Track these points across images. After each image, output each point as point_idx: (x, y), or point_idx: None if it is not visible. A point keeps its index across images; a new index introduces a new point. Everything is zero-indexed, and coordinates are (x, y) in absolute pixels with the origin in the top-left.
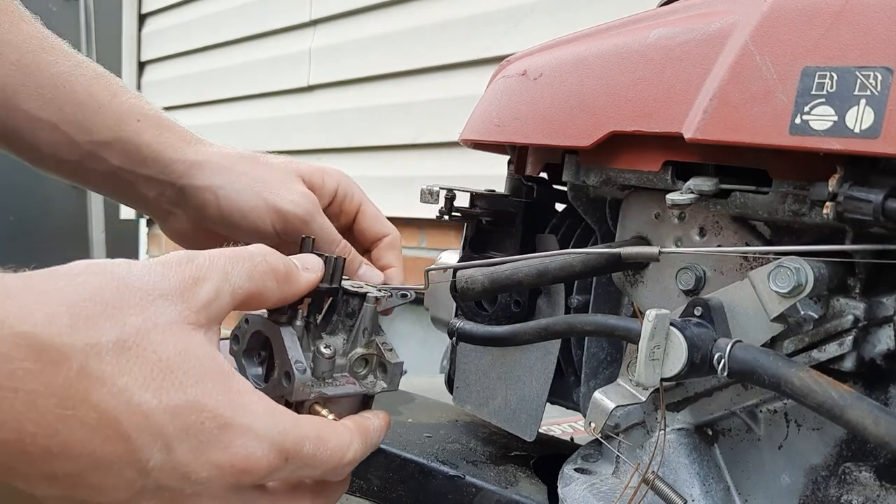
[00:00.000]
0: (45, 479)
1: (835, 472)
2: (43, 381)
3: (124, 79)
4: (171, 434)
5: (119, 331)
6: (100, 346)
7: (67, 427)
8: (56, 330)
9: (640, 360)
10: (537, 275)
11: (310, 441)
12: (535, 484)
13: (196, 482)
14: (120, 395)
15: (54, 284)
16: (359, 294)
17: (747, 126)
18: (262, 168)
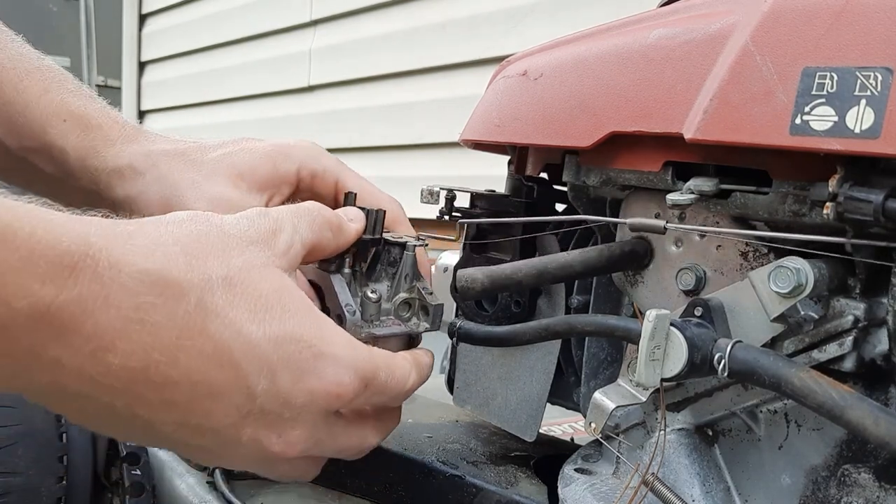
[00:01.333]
0: (165, 405)
1: (835, 472)
2: (166, 314)
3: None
4: (274, 362)
5: (226, 269)
6: (212, 282)
7: (187, 356)
8: (175, 266)
9: (641, 360)
10: (537, 275)
11: (382, 370)
12: (535, 484)
13: (294, 407)
14: (231, 326)
15: (166, 229)
16: (399, 243)
17: (747, 126)
18: (184, 168)
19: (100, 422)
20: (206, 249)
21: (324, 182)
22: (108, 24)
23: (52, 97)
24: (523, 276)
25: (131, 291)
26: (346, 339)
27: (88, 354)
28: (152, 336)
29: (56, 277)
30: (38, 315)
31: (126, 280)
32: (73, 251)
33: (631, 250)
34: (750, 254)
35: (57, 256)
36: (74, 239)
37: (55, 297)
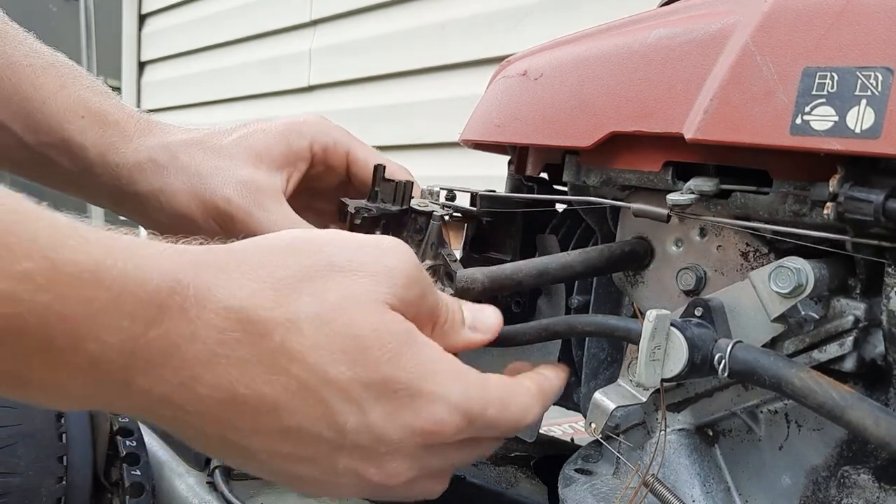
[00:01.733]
0: (255, 433)
1: (835, 473)
2: (250, 350)
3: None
4: (365, 401)
5: (318, 306)
6: (299, 322)
7: (273, 390)
8: (261, 304)
9: (641, 360)
10: (537, 275)
11: (493, 406)
12: (535, 485)
13: (389, 442)
14: (317, 369)
15: (262, 258)
16: (425, 212)
17: (748, 126)
18: (204, 156)
19: (198, 444)
20: (300, 283)
21: (335, 154)
22: (108, 24)
23: (69, 93)
24: (523, 276)
25: (217, 328)
26: (454, 373)
27: (177, 385)
28: (238, 370)
29: (144, 315)
30: (127, 350)
31: (211, 316)
32: (161, 289)
33: (631, 250)
34: (750, 254)
35: (146, 294)
36: (163, 276)
37: (143, 334)
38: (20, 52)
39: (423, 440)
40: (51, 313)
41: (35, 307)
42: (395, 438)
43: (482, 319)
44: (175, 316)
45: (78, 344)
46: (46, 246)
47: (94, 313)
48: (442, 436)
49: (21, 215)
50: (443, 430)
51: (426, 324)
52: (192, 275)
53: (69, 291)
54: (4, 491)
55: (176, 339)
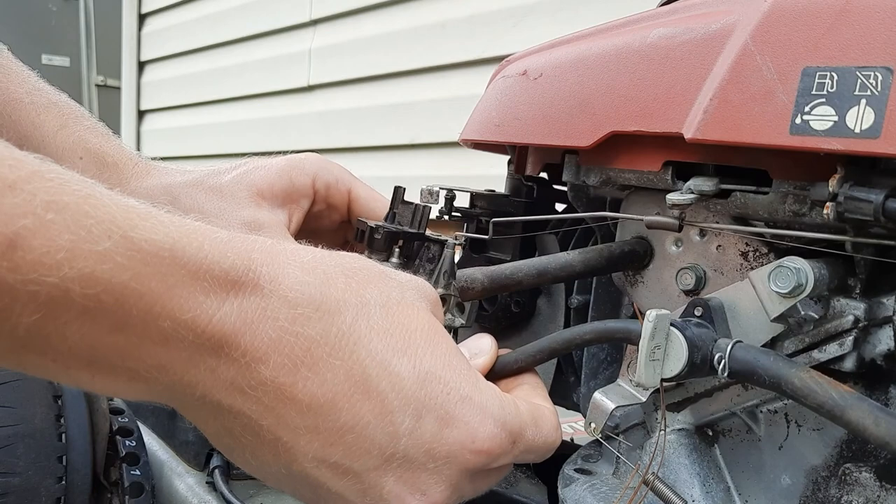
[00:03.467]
0: (308, 431)
1: (835, 472)
2: (320, 329)
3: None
4: (420, 400)
5: (385, 298)
6: (369, 306)
7: (334, 375)
8: (334, 284)
9: (641, 360)
10: (537, 274)
11: (530, 427)
12: (535, 484)
13: (437, 458)
14: (380, 356)
15: (329, 255)
16: (439, 241)
17: (748, 126)
18: (206, 197)
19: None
20: (365, 278)
21: (337, 192)
22: (108, 24)
23: (69, 133)
24: (523, 276)
25: (289, 303)
26: (493, 390)
27: (243, 366)
28: (304, 350)
29: (220, 291)
30: (200, 328)
31: (285, 291)
32: (237, 266)
33: (631, 250)
34: (750, 254)
35: (222, 272)
36: (239, 254)
37: (217, 310)
38: (23, 90)
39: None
40: (128, 292)
41: (113, 287)
42: (443, 453)
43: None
44: (249, 292)
45: (153, 321)
46: (124, 226)
47: (170, 290)
48: (489, 455)
49: (97, 199)
50: (490, 448)
51: None
52: (267, 255)
53: (147, 269)
54: (4, 491)
55: (248, 315)
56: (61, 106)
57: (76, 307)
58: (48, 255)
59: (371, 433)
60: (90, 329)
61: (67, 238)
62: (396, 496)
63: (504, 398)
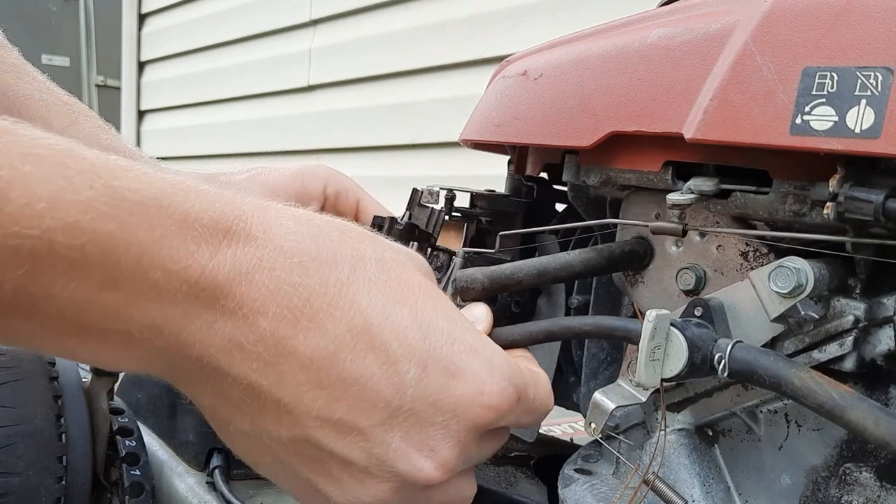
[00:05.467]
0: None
1: (835, 472)
2: (319, 279)
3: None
4: (425, 349)
5: (379, 253)
6: (365, 259)
7: (336, 326)
8: (329, 237)
9: (641, 360)
10: (537, 275)
11: (531, 386)
12: (535, 484)
13: (445, 411)
14: (381, 305)
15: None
16: (448, 251)
17: (748, 126)
18: None
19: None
20: (359, 235)
21: (346, 200)
22: (108, 24)
23: (79, 129)
24: (523, 276)
25: (285, 252)
26: (494, 345)
27: (241, 318)
28: (303, 301)
29: (211, 240)
30: (193, 279)
31: (280, 241)
32: (226, 215)
33: (631, 250)
34: (750, 254)
35: (211, 220)
36: (228, 205)
37: (210, 259)
38: (33, 88)
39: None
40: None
41: (98, 237)
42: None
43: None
44: (242, 241)
45: (142, 273)
46: (107, 176)
47: (159, 240)
48: (496, 411)
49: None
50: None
51: None
52: (257, 209)
53: (132, 219)
54: (4, 491)
55: (243, 264)
56: (71, 105)
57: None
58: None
59: (376, 384)
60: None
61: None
62: (403, 453)
63: (506, 356)
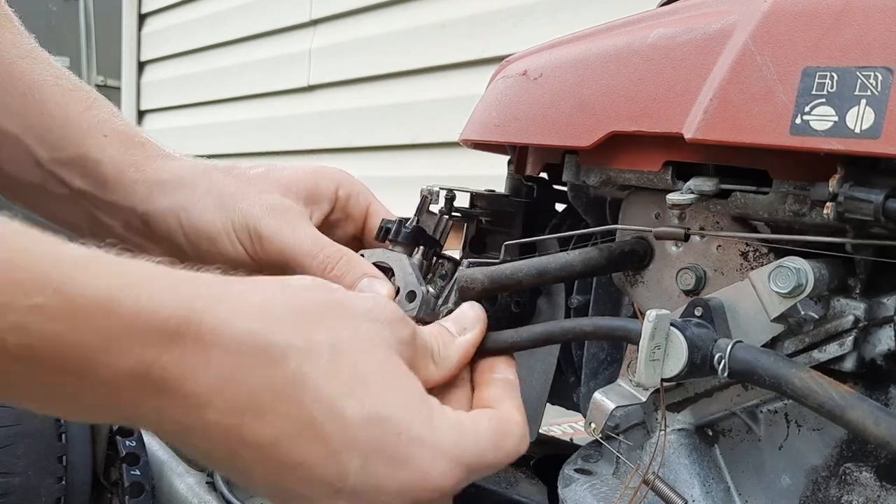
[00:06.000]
0: (259, 463)
1: (835, 472)
2: (263, 377)
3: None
4: (368, 441)
5: (335, 339)
6: (317, 349)
7: (280, 420)
8: (279, 329)
9: (641, 360)
10: (538, 274)
11: (490, 452)
12: (535, 484)
13: (388, 493)
14: (326, 400)
15: (282, 294)
16: (454, 259)
17: (748, 126)
18: (233, 180)
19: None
20: (317, 316)
21: (357, 204)
22: (108, 24)
23: (94, 114)
24: (523, 276)
25: (231, 352)
26: (450, 423)
27: (187, 408)
28: (247, 397)
29: (157, 342)
30: (139, 374)
31: (227, 342)
32: (177, 315)
33: (631, 250)
34: (750, 254)
35: (160, 322)
36: (180, 303)
37: (155, 360)
38: (49, 73)
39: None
40: (62, 342)
41: (45, 336)
42: (393, 490)
43: (463, 319)
44: (189, 343)
45: (89, 368)
46: (58, 280)
47: (106, 341)
48: (441, 492)
49: (33, 252)
50: (442, 486)
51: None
52: (210, 302)
53: (80, 323)
54: (4, 491)
55: (190, 365)
56: (87, 90)
57: (11, 354)
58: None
59: (320, 471)
60: (29, 373)
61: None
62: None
63: (461, 428)
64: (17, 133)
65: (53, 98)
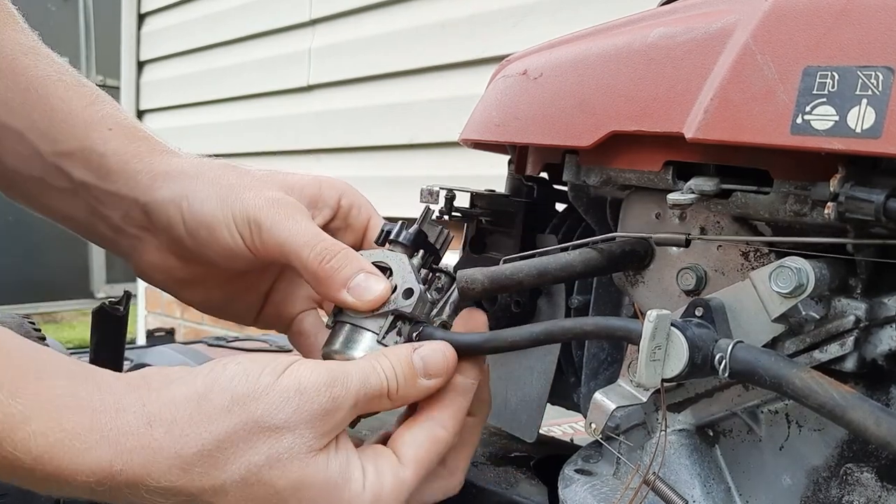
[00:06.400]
0: None
1: (836, 473)
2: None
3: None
4: None
5: (245, 470)
6: (225, 487)
7: None
8: (189, 478)
9: (641, 360)
10: (538, 275)
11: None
12: (535, 485)
13: None
14: None
15: (195, 429)
16: (450, 273)
17: (748, 126)
18: (236, 175)
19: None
20: (229, 452)
21: (358, 215)
22: (107, 24)
23: (98, 109)
24: (524, 277)
25: (148, 499)
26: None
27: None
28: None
29: (83, 491)
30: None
31: (144, 493)
32: (93, 479)
33: (631, 250)
34: (751, 254)
35: (80, 483)
36: (95, 469)
37: (90, 496)
38: (52, 69)
39: None
40: (3, 478)
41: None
42: None
43: (434, 364)
44: (109, 494)
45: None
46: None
47: (41, 486)
48: None
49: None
50: None
51: (378, 403)
52: (125, 463)
53: (16, 474)
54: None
55: (120, 500)
56: (90, 86)
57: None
58: None
59: None
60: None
61: None
62: None
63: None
64: (21, 128)
65: (57, 93)
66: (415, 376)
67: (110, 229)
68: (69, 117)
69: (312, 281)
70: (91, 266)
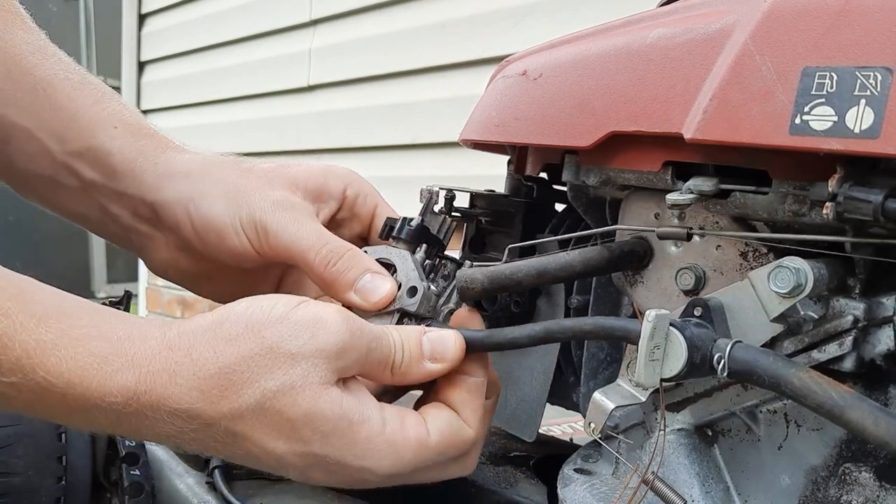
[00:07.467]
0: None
1: (835, 472)
2: (203, 435)
3: (124, 79)
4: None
5: (260, 394)
6: (241, 411)
7: (233, 453)
8: (207, 401)
9: (640, 360)
10: (537, 275)
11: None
12: (534, 484)
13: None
14: (259, 443)
15: (213, 353)
16: (456, 261)
17: (747, 126)
18: (241, 174)
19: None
20: (242, 378)
21: (364, 204)
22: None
23: (104, 107)
24: (523, 276)
25: (170, 423)
26: (388, 447)
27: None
28: (197, 443)
29: (109, 415)
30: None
31: (165, 416)
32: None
33: (631, 250)
34: (749, 254)
35: (107, 405)
36: (122, 390)
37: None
38: (59, 68)
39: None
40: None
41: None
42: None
43: (441, 350)
44: (136, 416)
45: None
46: (27, 366)
47: (68, 412)
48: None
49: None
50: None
51: (380, 371)
52: (150, 383)
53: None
54: (4, 491)
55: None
56: (96, 84)
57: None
58: None
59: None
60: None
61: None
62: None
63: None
64: (30, 127)
65: (64, 92)
66: (420, 357)
67: (122, 228)
68: (76, 116)
69: (319, 283)
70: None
